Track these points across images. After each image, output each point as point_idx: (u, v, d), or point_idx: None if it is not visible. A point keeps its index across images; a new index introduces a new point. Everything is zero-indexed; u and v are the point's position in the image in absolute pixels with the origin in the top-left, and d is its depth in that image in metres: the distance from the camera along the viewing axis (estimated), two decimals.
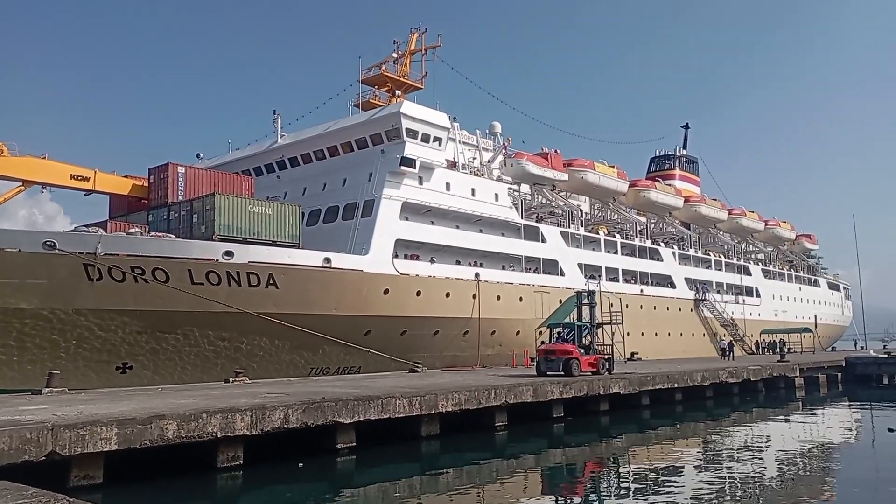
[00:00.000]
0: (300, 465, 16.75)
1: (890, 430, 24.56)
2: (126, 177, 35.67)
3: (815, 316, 75.26)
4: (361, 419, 17.94)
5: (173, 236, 29.96)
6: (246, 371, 27.46)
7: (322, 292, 31.80)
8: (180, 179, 33.16)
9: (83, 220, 49.09)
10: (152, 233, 30.61)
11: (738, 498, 14.50)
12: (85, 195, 34.62)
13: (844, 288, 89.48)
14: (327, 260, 32.29)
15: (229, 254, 29.43)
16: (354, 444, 17.89)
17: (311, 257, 32.00)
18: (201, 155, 45.89)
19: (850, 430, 27.60)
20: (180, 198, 32.71)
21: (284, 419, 16.32)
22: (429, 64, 46.26)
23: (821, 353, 62.43)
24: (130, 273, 27.58)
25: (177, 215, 31.94)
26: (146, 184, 34.50)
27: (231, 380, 25.71)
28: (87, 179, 33.31)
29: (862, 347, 71.70)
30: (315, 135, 41.13)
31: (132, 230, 30.07)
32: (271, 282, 30.22)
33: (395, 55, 45.36)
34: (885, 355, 54.92)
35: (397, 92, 44.66)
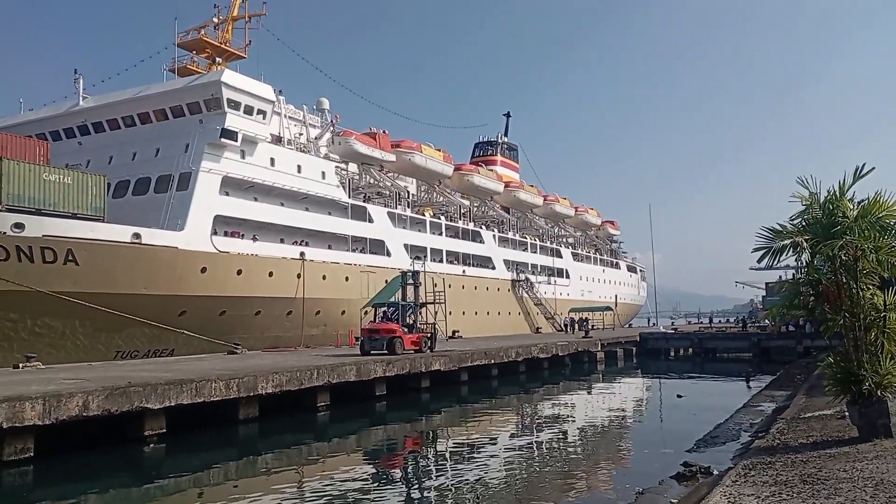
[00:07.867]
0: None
1: (679, 396, 27.60)
2: None
3: (616, 296, 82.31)
4: (173, 404, 16.94)
5: None
6: (40, 356, 24.91)
7: (130, 270, 29.49)
8: None
9: None
10: None
11: (544, 462, 15.55)
12: None
13: (640, 270, 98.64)
14: (137, 235, 30.00)
15: (20, 226, 26.41)
16: (164, 430, 16.86)
17: (118, 232, 29.54)
18: None
19: (643, 398, 30.76)
20: None
21: (84, 407, 14.97)
22: (253, 33, 44.26)
23: (619, 330, 68.55)
24: None
25: None
26: None
27: (22, 365, 23.27)
28: None
29: (654, 324, 79.97)
30: (124, 99, 37.75)
31: None
32: (70, 258, 27.53)
33: (216, 20, 42.84)
34: (672, 331, 61.86)
35: (218, 60, 42.25)
